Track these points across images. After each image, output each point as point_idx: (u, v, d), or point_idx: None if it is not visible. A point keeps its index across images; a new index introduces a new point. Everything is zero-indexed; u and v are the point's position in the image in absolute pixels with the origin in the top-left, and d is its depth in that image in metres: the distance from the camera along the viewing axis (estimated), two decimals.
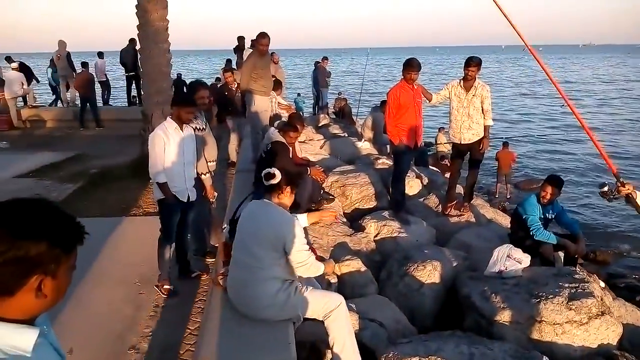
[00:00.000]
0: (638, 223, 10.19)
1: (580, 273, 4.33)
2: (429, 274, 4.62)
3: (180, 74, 15.16)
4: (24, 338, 1.09)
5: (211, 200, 5.12)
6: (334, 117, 16.57)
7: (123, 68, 14.59)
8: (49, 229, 1.09)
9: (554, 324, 3.76)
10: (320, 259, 3.39)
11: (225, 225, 4.31)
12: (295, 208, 3.78)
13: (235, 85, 8.73)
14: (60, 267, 1.12)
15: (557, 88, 4.24)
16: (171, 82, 9.12)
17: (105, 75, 15.89)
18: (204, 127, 4.95)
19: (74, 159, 9.30)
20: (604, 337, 3.81)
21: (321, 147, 10.03)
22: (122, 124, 12.14)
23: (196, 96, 4.85)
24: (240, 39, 12.18)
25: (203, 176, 4.91)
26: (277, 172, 3.09)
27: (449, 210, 6.46)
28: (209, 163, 4.99)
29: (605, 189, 3.80)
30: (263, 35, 6.56)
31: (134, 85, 14.83)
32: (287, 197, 3.15)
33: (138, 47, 9.22)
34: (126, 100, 15.72)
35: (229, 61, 14.12)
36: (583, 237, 5.28)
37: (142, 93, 9.67)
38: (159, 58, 8.65)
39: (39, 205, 1.11)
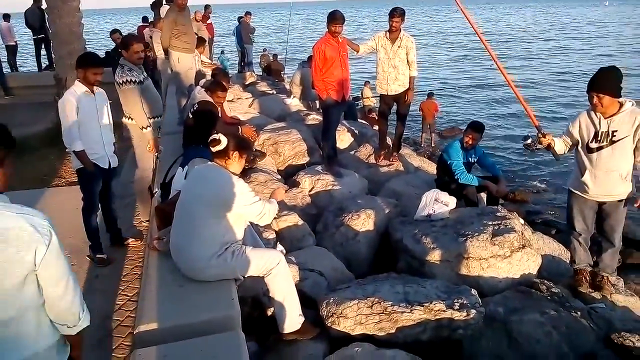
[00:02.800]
0: (552, 166, 10.99)
1: (502, 211, 4.63)
2: (363, 222, 4.79)
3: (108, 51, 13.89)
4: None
5: (155, 154, 4.99)
6: (261, 74, 16.31)
7: (30, 30, 13.42)
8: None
9: (480, 259, 4.04)
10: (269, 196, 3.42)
11: (157, 190, 4.22)
12: None
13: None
14: (5, 160, 1.71)
15: (483, 42, 4.43)
16: (84, 42, 8.54)
17: (14, 39, 14.53)
18: (142, 79, 4.74)
19: None
20: (525, 267, 4.14)
21: (250, 106, 9.88)
22: (34, 91, 11.24)
23: (130, 50, 4.65)
24: None
25: (144, 130, 4.73)
26: (223, 138, 3.01)
27: (380, 159, 6.64)
28: (150, 119, 4.81)
29: (529, 141, 4.09)
30: None
31: (43, 48, 13.70)
32: (235, 163, 3.08)
33: (44, 6, 8.51)
34: (36, 65, 14.55)
35: (145, 19, 13.37)
36: (503, 178, 5.64)
37: (54, 56, 9.00)
38: (68, 17, 8.04)
39: None
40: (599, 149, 3.78)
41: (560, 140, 4.02)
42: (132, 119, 4.76)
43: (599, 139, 3.77)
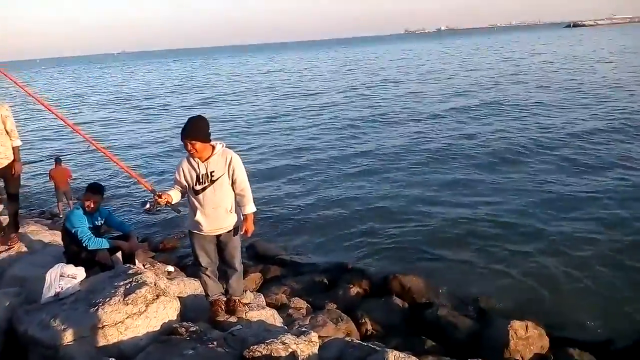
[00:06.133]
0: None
1: (134, 267, 4.60)
2: None
3: None
4: None
5: None
6: None
7: None
8: None
9: (115, 323, 3.87)
10: None
11: None
12: None
13: None
14: None
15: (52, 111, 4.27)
16: None
17: None
18: None
19: None
20: (164, 316, 4.17)
21: None
22: None
23: None
24: None
25: None
26: None
27: None
28: None
29: (147, 206, 4.17)
30: None
31: None
32: None
33: None
34: None
35: None
36: (134, 234, 5.62)
37: None
38: None
39: None
40: (203, 189, 4.17)
41: (175, 192, 4.25)
42: None
43: (201, 181, 4.16)
